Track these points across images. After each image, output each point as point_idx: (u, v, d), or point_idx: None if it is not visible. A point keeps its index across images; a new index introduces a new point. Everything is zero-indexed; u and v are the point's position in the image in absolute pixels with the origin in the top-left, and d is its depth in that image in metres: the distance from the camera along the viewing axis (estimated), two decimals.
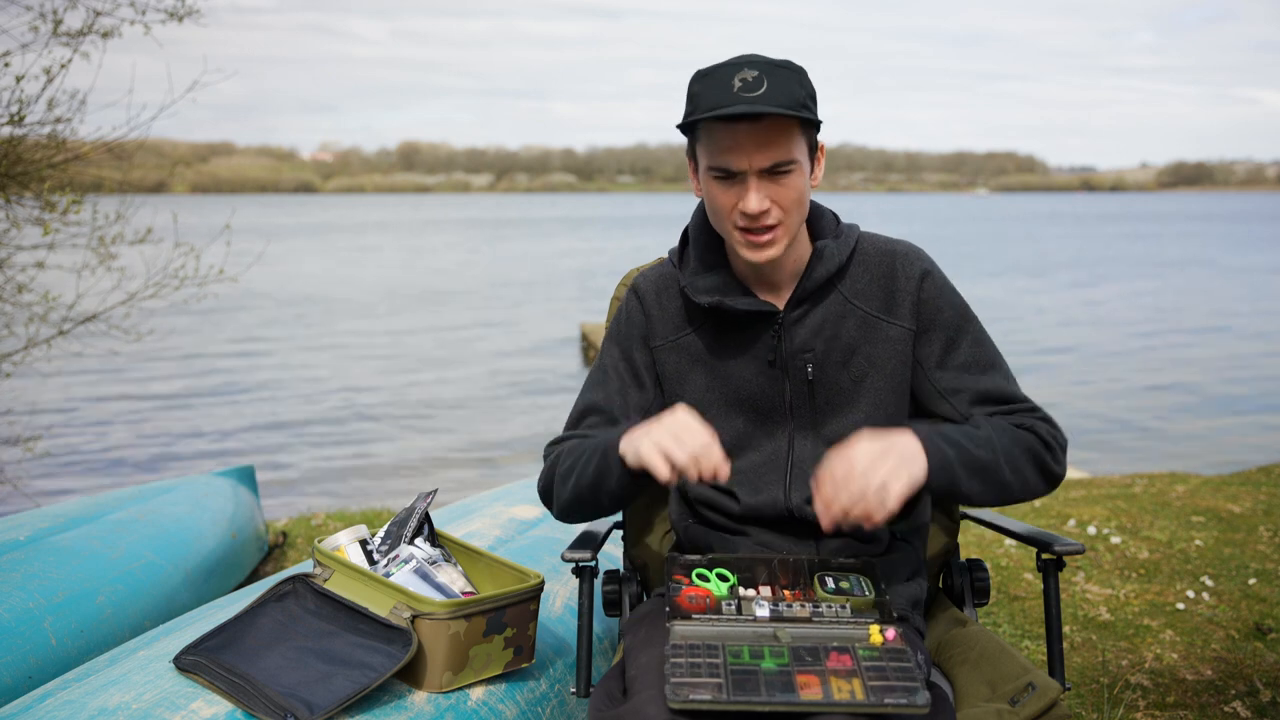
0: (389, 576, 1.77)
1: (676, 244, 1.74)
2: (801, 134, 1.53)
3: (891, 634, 1.41)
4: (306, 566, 2.16)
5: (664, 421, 1.48)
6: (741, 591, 1.52)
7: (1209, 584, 3.50)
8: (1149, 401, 11.27)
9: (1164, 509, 4.35)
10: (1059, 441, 1.61)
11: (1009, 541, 3.92)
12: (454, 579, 1.83)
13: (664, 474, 1.44)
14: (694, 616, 1.45)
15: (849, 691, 1.29)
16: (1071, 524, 4.12)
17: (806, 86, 1.53)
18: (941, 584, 1.94)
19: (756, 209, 1.51)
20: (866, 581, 1.53)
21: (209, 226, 5.56)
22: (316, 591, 1.77)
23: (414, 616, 1.65)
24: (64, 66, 4.39)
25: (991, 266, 29.58)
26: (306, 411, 10.72)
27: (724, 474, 1.45)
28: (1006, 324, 16.76)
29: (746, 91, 1.47)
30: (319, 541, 1.87)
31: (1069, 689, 1.66)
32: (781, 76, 1.50)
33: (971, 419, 1.60)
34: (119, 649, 1.90)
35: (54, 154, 4.61)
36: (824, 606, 1.48)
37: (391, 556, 1.85)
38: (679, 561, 1.57)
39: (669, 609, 1.46)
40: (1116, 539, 3.94)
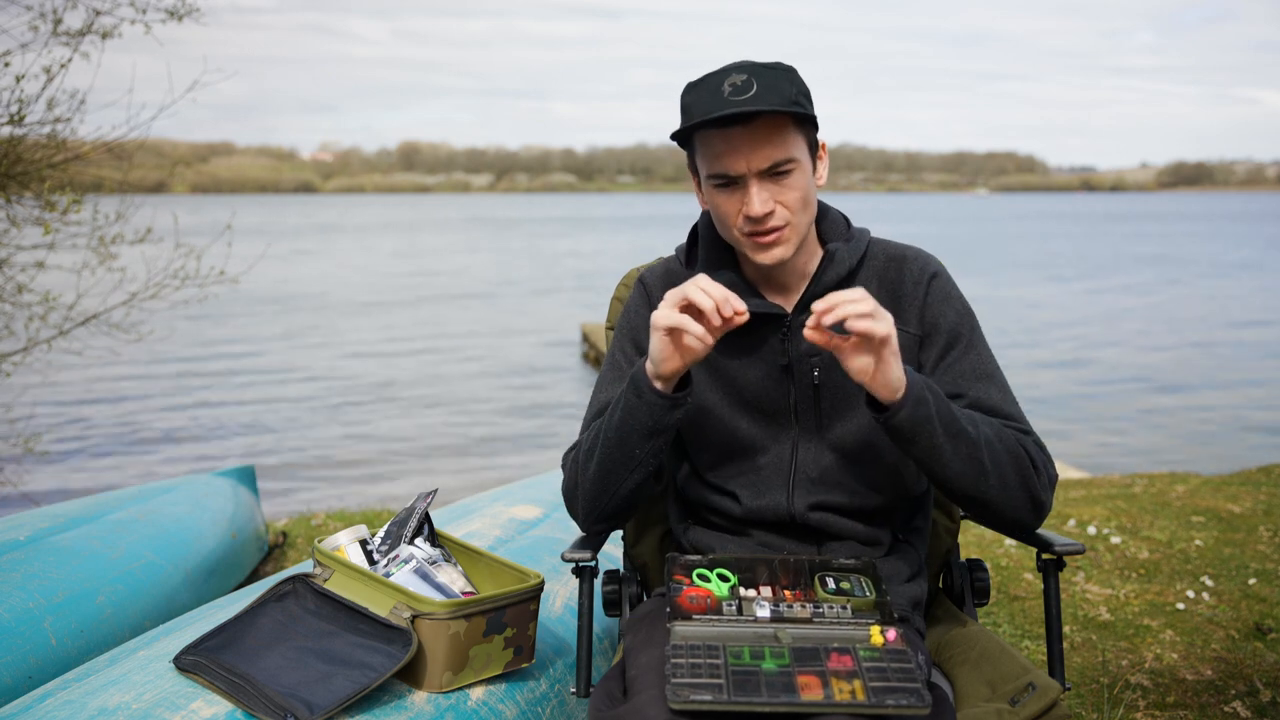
0: (389, 576, 1.77)
1: (684, 242, 1.74)
2: (798, 132, 1.52)
3: (892, 635, 1.41)
4: (306, 566, 2.16)
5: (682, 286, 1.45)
6: (742, 592, 1.52)
7: (1209, 584, 3.50)
8: (1149, 401, 11.27)
9: (1164, 509, 4.35)
10: (1048, 471, 1.57)
11: (1009, 541, 3.92)
12: (454, 579, 1.83)
13: (706, 304, 1.40)
14: (694, 617, 1.45)
15: (850, 692, 1.29)
16: (1071, 524, 4.12)
17: (798, 84, 1.53)
18: (941, 584, 1.94)
19: (760, 211, 1.50)
20: (867, 582, 1.53)
21: (209, 226, 5.57)
22: (316, 591, 1.77)
23: (414, 616, 1.65)
24: (64, 66, 4.39)
25: (993, 266, 29.57)
26: (306, 412, 10.72)
27: (741, 308, 1.42)
28: (1007, 324, 16.76)
29: (736, 95, 1.47)
30: (319, 541, 1.87)
31: (1069, 689, 1.66)
32: (771, 77, 1.49)
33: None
34: (119, 649, 1.89)
35: (54, 154, 4.61)
36: (825, 607, 1.48)
37: (391, 556, 1.85)
38: (679, 561, 1.57)
39: (670, 609, 1.46)
40: (1116, 539, 3.94)
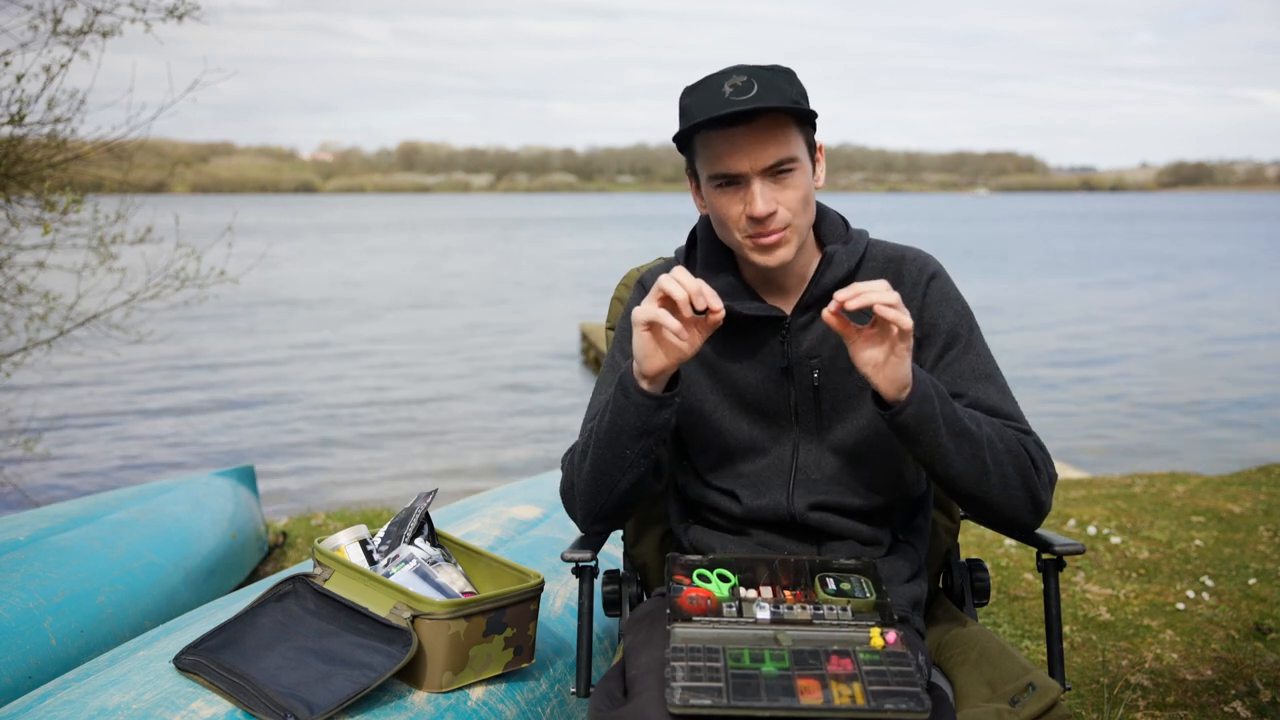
0: (389, 576, 1.77)
1: (684, 244, 1.74)
2: (798, 132, 1.53)
3: (892, 637, 1.41)
4: (306, 566, 2.16)
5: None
6: (742, 592, 1.52)
7: (1209, 584, 3.50)
8: (1149, 401, 11.26)
9: (1164, 509, 4.35)
10: (1048, 470, 1.58)
11: (1009, 541, 3.92)
12: (454, 579, 1.83)
13: (679, 294, 1.41)
14: (695, 618, 1.45)
15: (849, 696, 1.29)
16: (1071, 524, 4.12)
17: (796, 86, 1.53)
18: (941, 584, 1.94)
19: (764, 210, 1.50)
20: (867, 583, 1.53)
21: (209, 226, 5.57)
22: (316, 591, 1.77)
23: (414, 616, 1.65)
24: (64, 66, 4.39)
25: (993, 266, 29.57)
26: (306, 412, 10.72)
27: (716, 305, 1.44)
28: (1007, 323, 16.76)
29: (737, 95, 1.47)
30: (319, 541, 1.87)
31: (1069, 689, 1.66)
32: (770, 78, 1.50)
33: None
34: (119, 649, 1.89)
35: (54, 154, 4.61)
36: (825, 608, 1.47)
37: (391, 556, 1.85)
38: (679, 561, 1.57)
39: (670, 610, 1.45)
40: (1116, 539, 3.94)
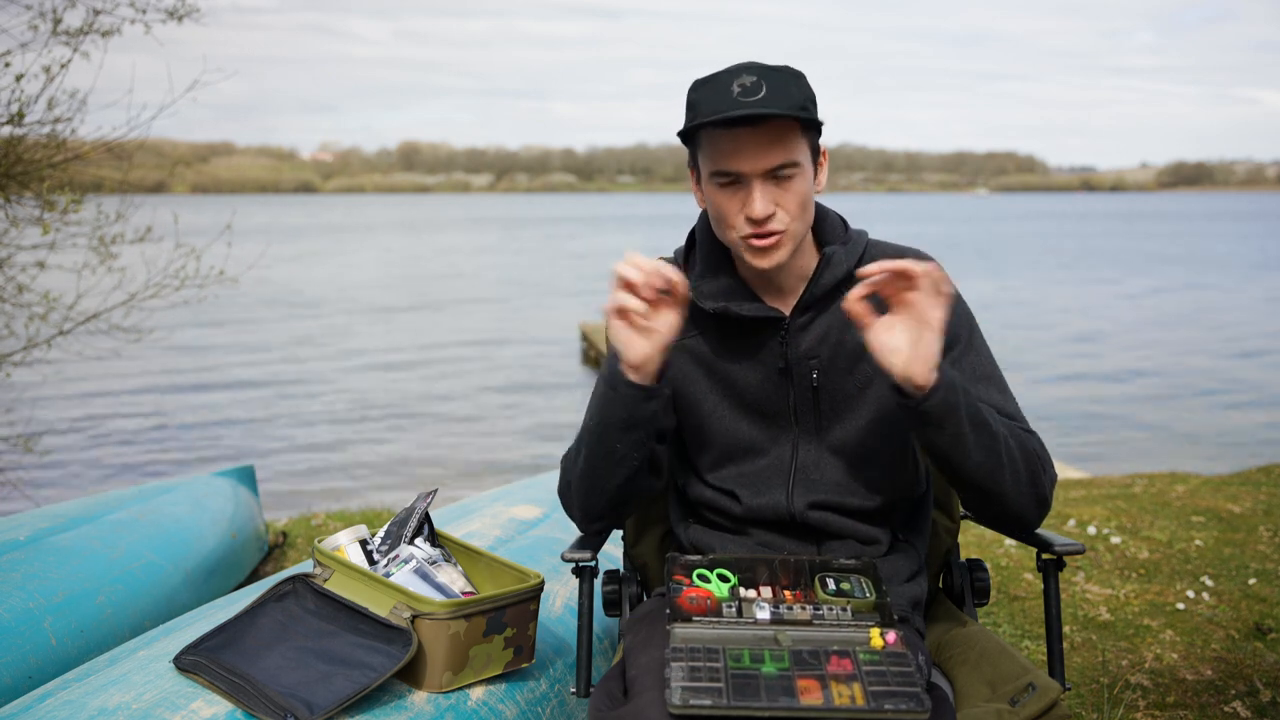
0: (389, 576, 1.77)
1: (683, 245, 1.74)
2: (803, 136, 1.53)
3: (892, 637, 1.41)
4: (306, 566, 2.16)
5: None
6: (742, 592, 1.52)
7: (1209, 584, 3.50)
8: (1150, 401, 11.27)
9: (1164, 509, 4.35)
10: (1051, 470, 1.58)
11: (1009, 541, 3.92)
12: (454, 579, 1.83)
13: (634, 276, 1.43)
14: (694, 619, 1.45)
15: (849, 697, 1.29)
16: (1071, 524, 4.12)
17: (805, 89, 1.53)
18: (941, 584, 1.94)
19: (762, 213, 1.50)
20: (867, 583, 1.53)
21: (209, 226, 5.57)
22: (316, 591, 1.77)
23: (414, 616, 1.65)
24: (64, 66, 4.39)
25: (994, 265, 29.58)
26: (307, 412, 10.72)
27: (675, 278, 1.45)
28: (1007, 323, 16.77)
29: (746, 96, 1.47)
30: (319, 541, 1.87)
31: (1069, 689, 1.66)
32: (780, 80, 1.50)
33: None
34: (119, 649, 1.89)
35: (54, 154, 4.61)
36: (825, 609, 1.47)
37: (391, 556, 1.85)
38: (679, 561, 1.57)
39: (670, 610, 1.45)
40: (1116, 539, 3.94)
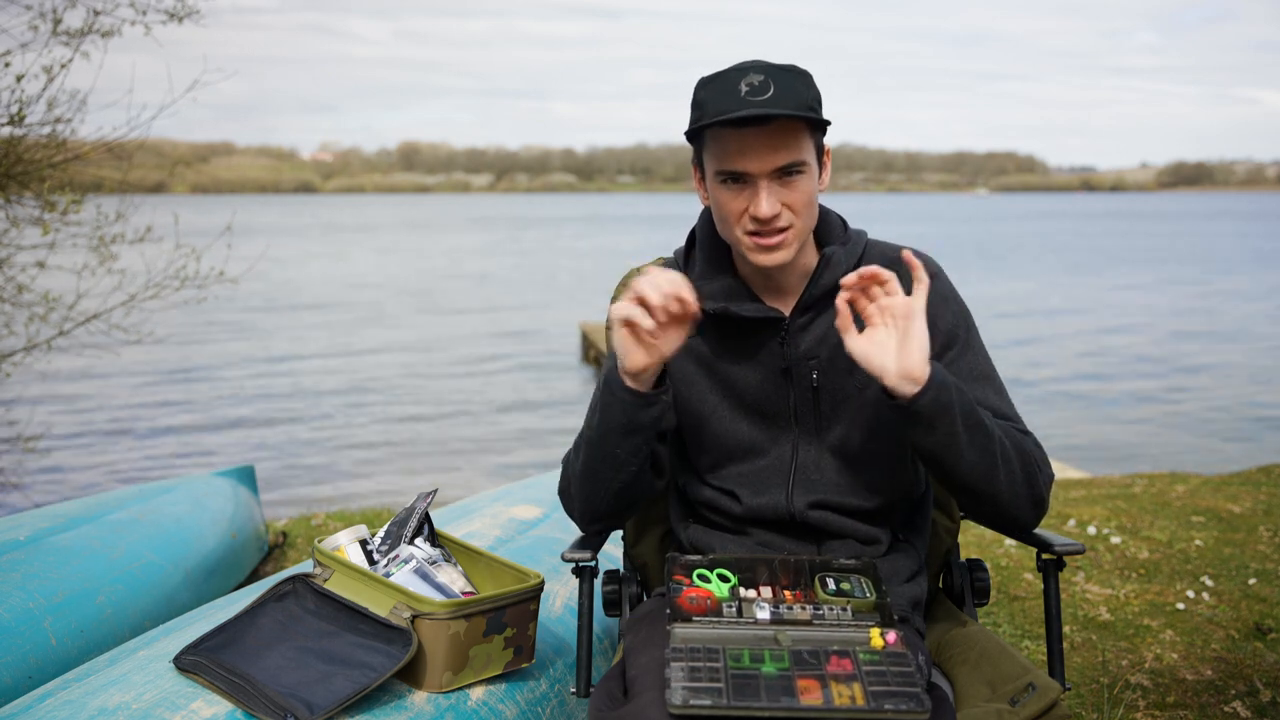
0: (389, 576, 1.77)
1: (683, 245, 1.74)
2: (810, 136, 1.53)
3: (892, 637, 1.41)
4: (306, 566, 2.16)
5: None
6: (742, 592, 1.52)
7: (1209, 584, 3.50)
8: (1150, 401, 11.27)
9: (1164, 509, 4.35)
10: (1047, 470, 1.59)
11: (1009, 541, 3.92)
12: (454, 579, 1.83)
13: (654, 299, 1.42)
14: (694, 619, 1.45)
15: (849, 697, 1.29)
16: (1071, 524, 4.12)
17: (813, 89, 1.53)
18: (941, 584, 1.94)
19: (768, 212, 1.50)
20: (867, 583, 1.53)
21: (209, 226, 5.57)
22: (316, 591, 1.77)
23: (414, 616, 1.65)
24: (64, 66, 4.39)
25: (995, 265, 29.59)
26: (307, 412, 10.72)
27: (690, 300, 1.44)
28: (1007, 322, 16.77)
29: (754, 95, 1.47)
30: (319, 541, 1.87)
31: (1069, 689, 1.66)
32: (788, 80, 1.49)
33: None
34: (119, 649, 1.89)
35: (54, 154, 4.61)
36: (825, 609, 1.47)
37: (391, 556, 1.85)
38: (679, 561, 1.57)
39: (670, 610, 1.45)
40: (1116, 539, 3.94)
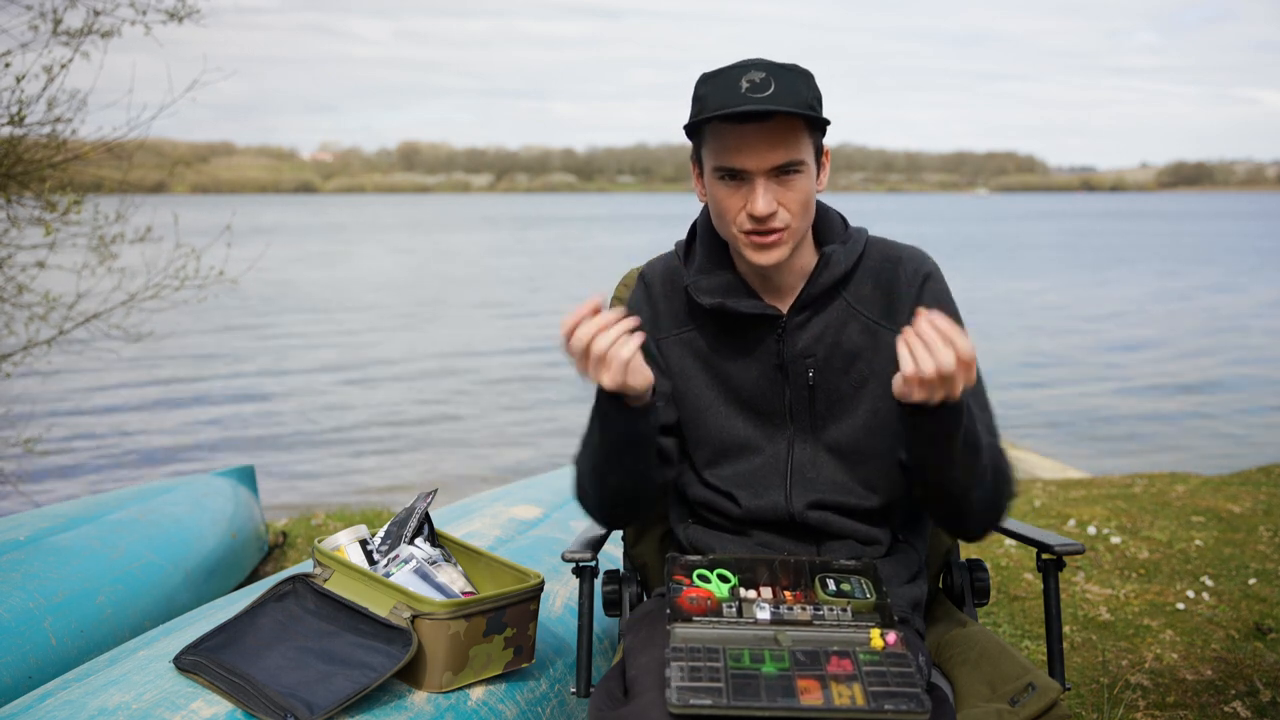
0: (389, 576, 1.77)
1: (683, 239, 1.74)
2: (809, 135, 1.53)
3: (892, 638, 1.41)
4: (306, 566, 2.16)
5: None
6: (742, 592, 1.52)
7: (1209, 584, 3.50)
8: (1150, 401, 11.27)
9: (1164, 509, 4.35)
10: (1012, 487, 1.58)
11: (1009, 541, 3.92)
12: (454, 579, 1.83)
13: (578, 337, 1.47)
14: (695, 619, 1.45)
15: (849, 697, 1.29)
16: (1071, 524, 4.12)
17: (813, 89, 1.53)
18: (941, 584, 1.94)
19: (765, 210, 1.50)
20: (867, 583, 1.53)
21: (209, 226, 5.56)
22: (316, 591, 1.77)
23: (414, 616, 1.65)
24: (64, 66, 4.39)
25: (996, 264, 29.60)
26: (307, 411, 10.72)
27: (611, 319, 1.48)
28: (1007, 321, 16.77)
29: (754, 92, 1.47)
30: (319, 541, 1.87)
31: (1069, 689, 1.66)
32: (789, 78, 1.49)
33: None
34: (119, 649, 1.90)
35: (54, 154, 4.61)
36: (825, 609, 1.47)
37: (391, 556, 1.85)
38: (679, 562, 1.57)
39: (670, 610, 1.45)
40: (1116, 539, 3.94)
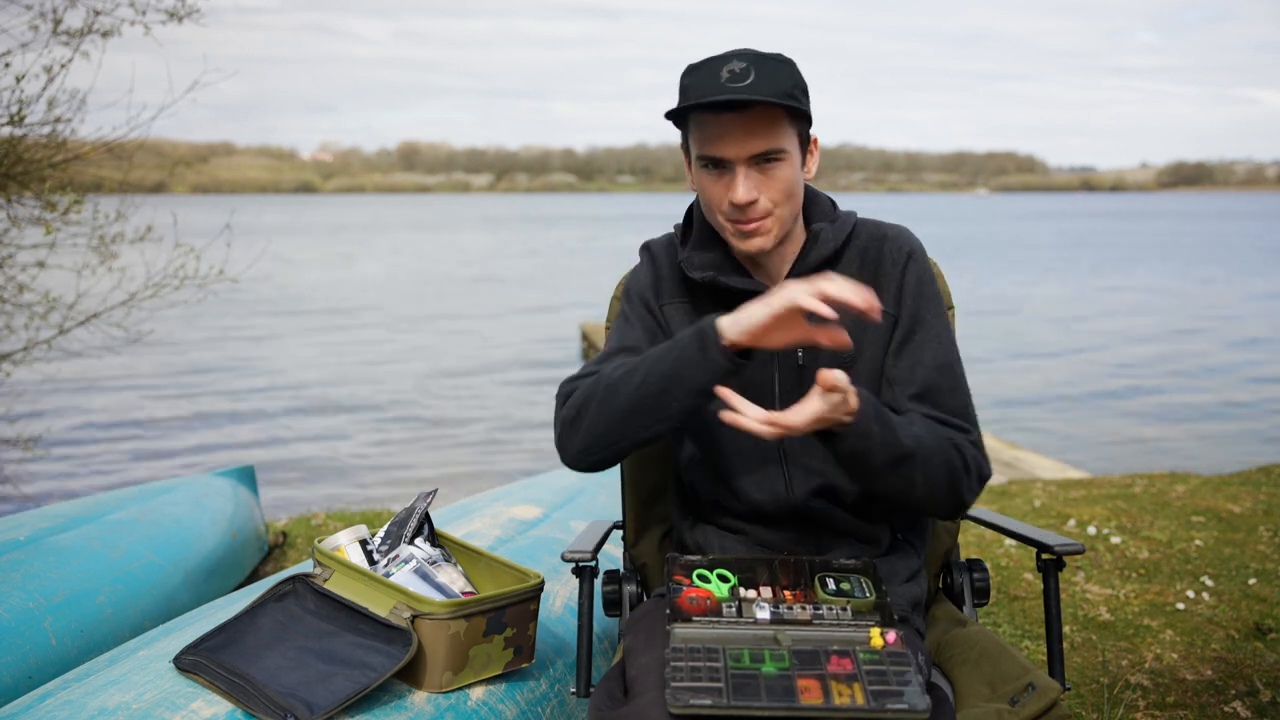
0: (389, 576, 1.77)
1: (681, 221, 1.75)
2: (790, 124, 1.54)
3: (892, 637, 1.41)
4: (306, 566, 2.16)
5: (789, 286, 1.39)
6: (742, 592, 1.52)
7: (1209, 584, 3.50)
8: (1150, 401, 11.27)
9: (1164, 509, 4.35)
10: (980, 471, 1.58)
11: (1009, 541, 3.92)
12: (454, 579, 1.83)
13: (828, 299, 1.35)
14: (694, 618, 1.45)
15: (849, 696, 1.29)
16: (1071, 524, 4.12)
17: (795, 78, 1.54)
18: (941, 584, 1.94)
19: (744, 198, 1.51)
20: (867, 583, 1.53)
21: (209, 226, 5.56)
22: (316, 591, 1.77)
23: (414, 616, 1.65)
24: (64, 66, 4.39)
25: (995, 264, 29.60)
26: (307, 411, 10.72)
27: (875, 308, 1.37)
28: (1007, 321, 16.78)
29: (734, 82, 1.49)
30: (319, 541, 1.87)
31: (1069, 689, 1.66)
32: (770, 67, 1.51)
33: (907, 414, 1.57)
34: (119, 649, 1.90)
35: (54, 154, 4.61)
36: (825, 609, 1.47)
37: (391, 556, 1.85)
38: (679, 562, 1.57)
39: (670, 610, 1.45)
40: (1116, 539, 3.94)
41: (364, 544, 1.90)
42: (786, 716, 1.27)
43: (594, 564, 1.77)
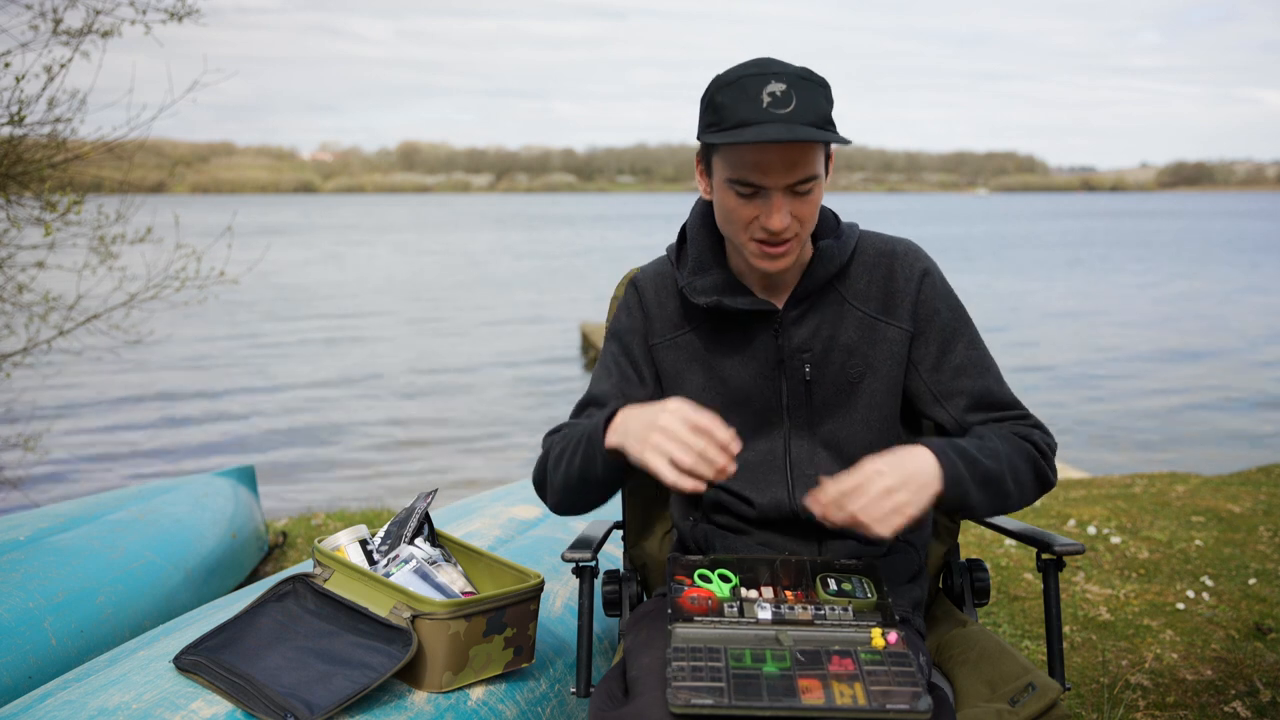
0: (389, 576, 1.77)
1: (674, 242, 1.74)
2: (823, 148, 1.54)
3: (893, 637, 1.41)
4: (306, 566, 2.16)
5: (659, 420, 1.41)
6: (743, 592, 1.52)
7: (1209, 584, 3.50)
8: (1150, 401, 11.27)
9: (1164, 509, 4.35)
10: (1051, 448, 1.62)
11: (1009, 541, 3.92)
12: (454, 579, 1.83)
13: (670, 478, 1.39)
14: (696, 618, 1.45)
15: (851, 696, 1.29)
16: (1071, 524, 4.12)
17: (830, 99, 1.52)
18: (942, 584, 1.94)
19: (781, 226, 1.49)
20: (868, 583, 1.53)
21: (209, 226, 5.56)
22: (316, 591, 1.77)
23: (414, 616, 1.65)
24: (64, 66, 4.39)
25: (995, 264, 29.61)
26: (307, 411, 10.72)
27: (731, 470, 1.40)
28: (1006, 321, 16.78)
29: (776, 108, 1.45)
30: (319, 541, 1.87)
31: (1069, 689, 1.66)
32: (808, 91, 1.48)
33: (972, 429, 1.61)
34: (119, 649, 1.90)
35: (54, 154, 4.61)
36: (826, 609, 1.48)
37: (391, 556, 1.85)
38: (680, 562, 1.57)
39: (671, 610, 1.45)
40: (1116, 539, 3.94)
41: (364, 544, 1.90)
42: (788, 716, 1.27)
43: (594, 564, 1.77)
